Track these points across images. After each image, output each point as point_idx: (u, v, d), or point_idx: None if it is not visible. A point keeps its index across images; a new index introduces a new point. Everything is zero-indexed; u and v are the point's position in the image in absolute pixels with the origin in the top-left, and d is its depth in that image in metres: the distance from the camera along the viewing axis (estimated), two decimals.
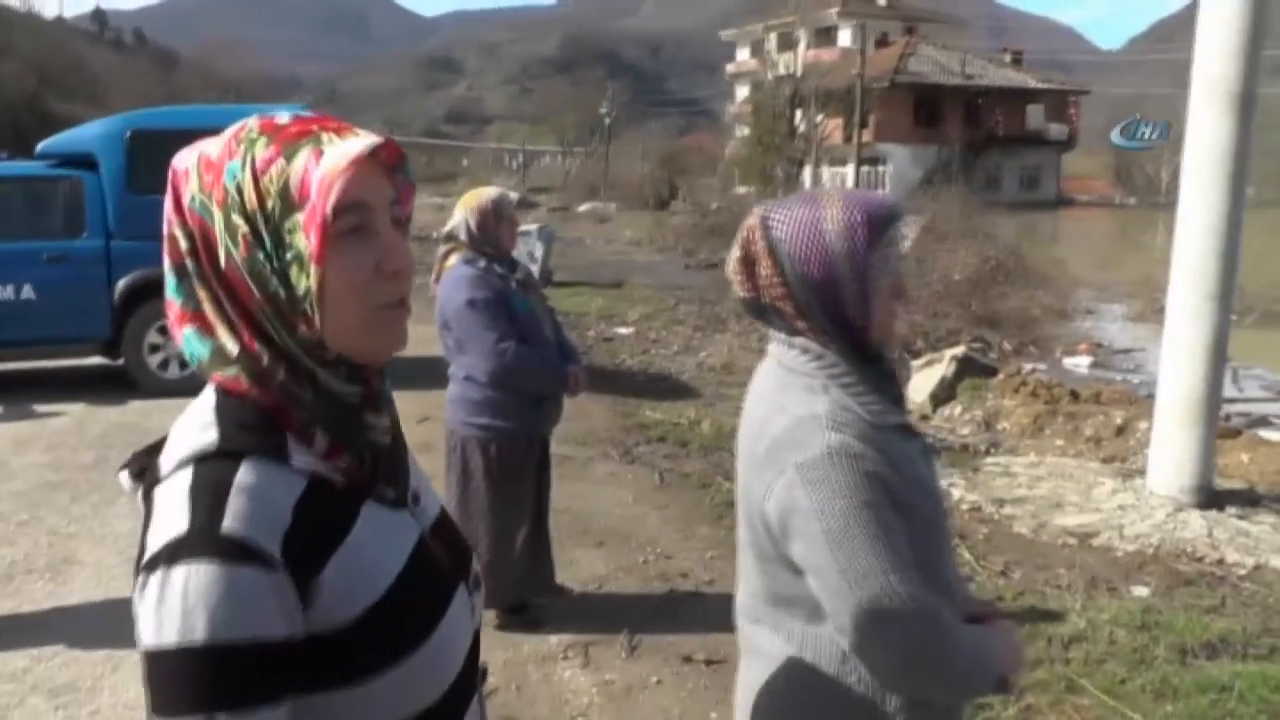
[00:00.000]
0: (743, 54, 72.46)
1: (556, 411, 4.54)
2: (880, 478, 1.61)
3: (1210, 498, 6.30)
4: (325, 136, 1.12)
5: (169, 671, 1.01)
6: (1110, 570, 5.44)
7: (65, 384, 9.64)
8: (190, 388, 1.18)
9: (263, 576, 1.02)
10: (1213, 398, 6.37)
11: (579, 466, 7.08)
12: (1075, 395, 8.99)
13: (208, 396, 1.15)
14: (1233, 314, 6.49)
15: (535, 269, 15.24)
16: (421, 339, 10.36)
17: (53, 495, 6.53)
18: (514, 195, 4.61)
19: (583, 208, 46.29)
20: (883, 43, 60.87)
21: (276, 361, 1.12)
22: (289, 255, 1.10)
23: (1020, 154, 59.54)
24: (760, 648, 1.80)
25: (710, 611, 4.72)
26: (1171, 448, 6.38)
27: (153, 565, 1.03)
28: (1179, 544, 5.75)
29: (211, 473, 1.06)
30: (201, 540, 1.02)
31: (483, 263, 4.28)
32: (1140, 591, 5.12)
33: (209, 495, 1.04)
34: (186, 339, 1.14)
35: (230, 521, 1.03)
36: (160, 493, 1.08)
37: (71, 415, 8.61)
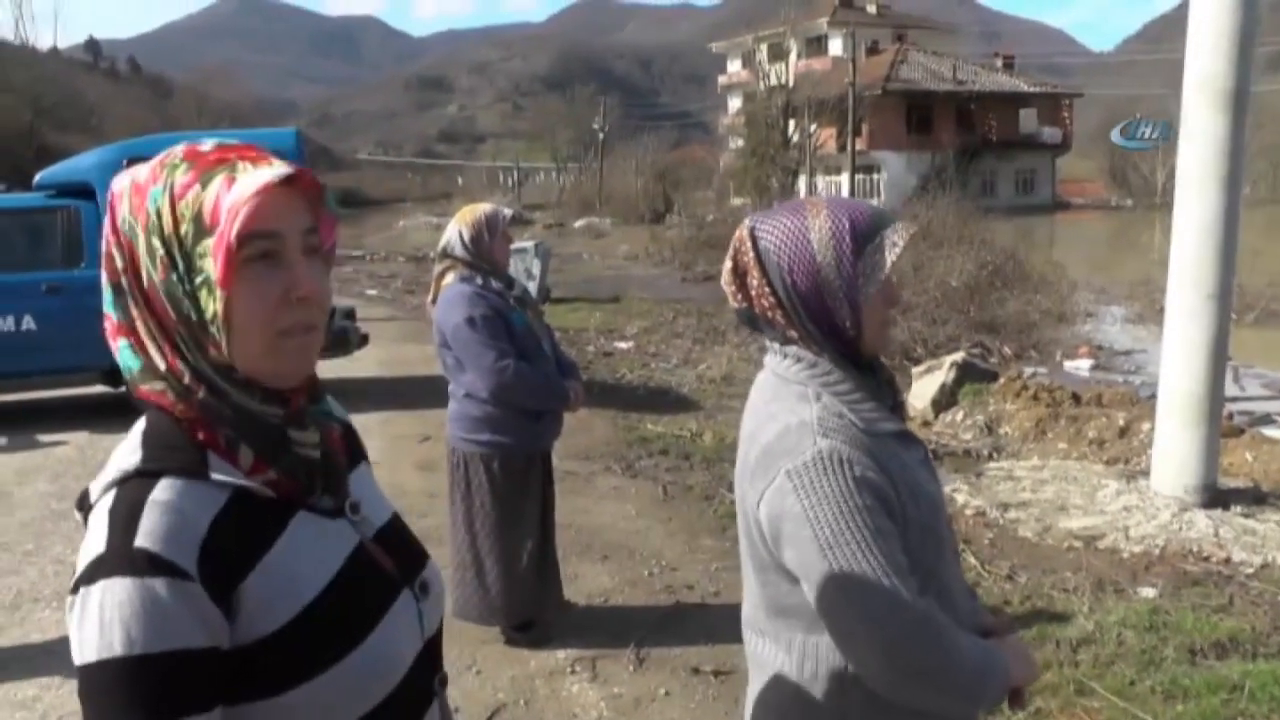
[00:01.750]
0: (734, 65, 72.60)
1: (557, 426, 4.55)
2: (871, 483, 1.60)
3: (1215, 497, 6.29)
4: (241, 165, 1.15)
5: (93, 687, 1.04)
6: (1117, 572, 5.43)
7: (68, 413, 9.64)
8: None
9: (176, 587, 1.05)
10: (1215, 397, 6.36)
11: (582, 481, 7.08)
12: (1077, 398, 8.99)
13: (138, 425, 1.19)
14: (1232, 313, 6.49)
15: (533, 285, 15.24)
16: (421, 358, 10.34)
17: (58, 524, 6.52)
18: (509, 211, 4.61)
19: (578, 223, 46.33)
20: (873, 51, 61.02)
21: (196, 380, 1.15)
22: (199, 279, 1.13)
23: (1014, 158, 59.61)
24: (764, 659, 1.79)
25: (717, 623, 4.72)
26: (1175, 448, 6.38)
27: (76, 587, 1.07)
28: (1185, 544, 5.74)
29: (129, 493, 1.10)
30: (116, 557, 1.05)
31: (479, 279, 4.29)
32: (1148, 592, 5.11)
33: (124, 514, 1.08)
34: (121, 352, 1.18)
35: (143, 538, 1.06)
36: (91, 517, 1.12)
37: (74, 444, 8.61)
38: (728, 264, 1.78)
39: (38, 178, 9.61)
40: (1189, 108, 6.30)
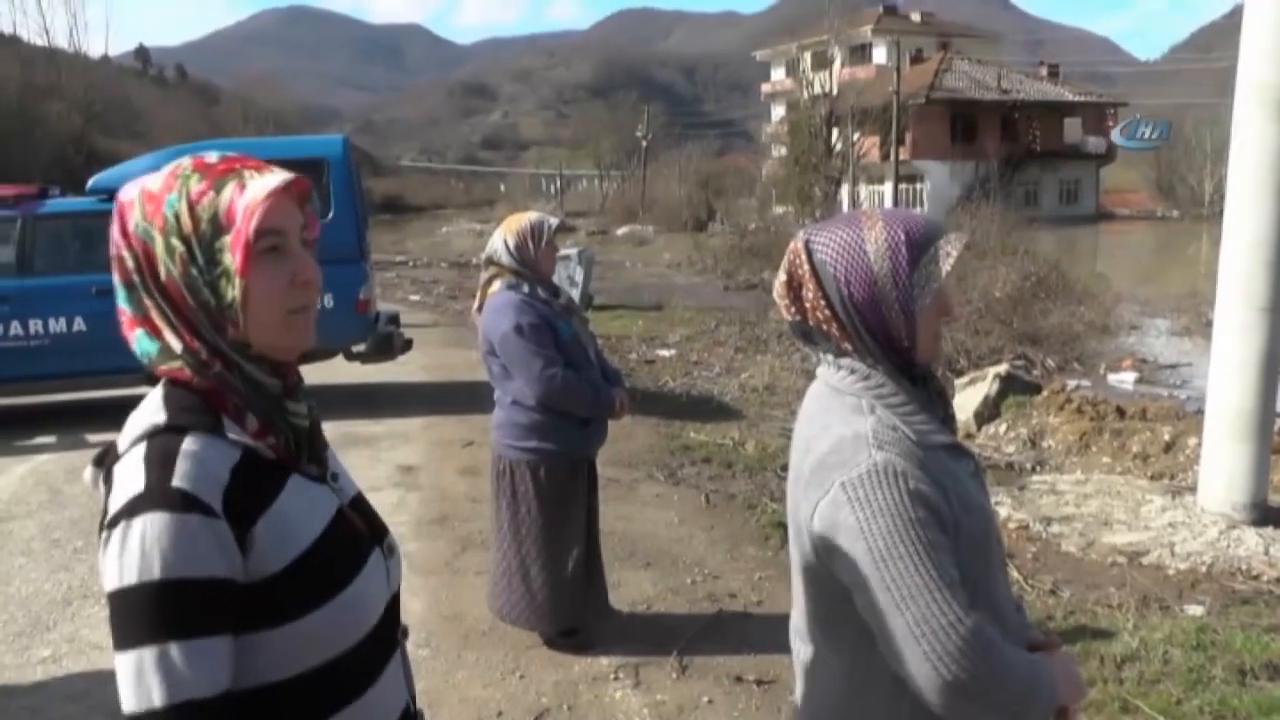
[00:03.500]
0: (777, 74, 72.48)
1: (602, 433, 4.57)
2: (924, 496, 1.61)
3: (1265, 514, 6.21)
4: (247, 173, 1.36)
5: (130, 606, 1.20)
6: (1162, 589, 5.37)
7: (115, 413, 9.67)
8: None
9: (206, 523, 1.22)
10: (1266, 412, 6.27)
11: (625, 489, 7.10)
12: (1121, 412, 8.90)
13: (156, 391, 1.36)
14: None
15: (576, 293, 15.28)
16: (464, 364, 10.38)
17: None
18: (555, 220, 4.62)
19: (621, 230, 46.37)
20: (917, 59, 60.67)
21: (213, 356, 1.33)
22: (218, 270, 1.32)
23: (1058, 168, 58.99)
24: (812, 668, 1.80)
25: (760, 632, 4.72)
26: (1223, 464, 6.30)
27: (114, 522, 1.23)
28: (1233, 561, 5.67)
29: (161, 444, 1.27)
30: (155, 494, 1.22)
31: (526, 288, 4.32)
32: (1194, 610, 5.05)
33: (159, 460, 1.25)
34: (138, 339, 1.36)
35: (178, 479, 1.23)
36: (119, 467, 1.28)
37: None
38: (781, 277, 1.79)
39: (91, 182, 9.77)
40: (1241, 116, 6.23)
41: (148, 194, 1.34)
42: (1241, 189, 6.23)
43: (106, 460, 1.31)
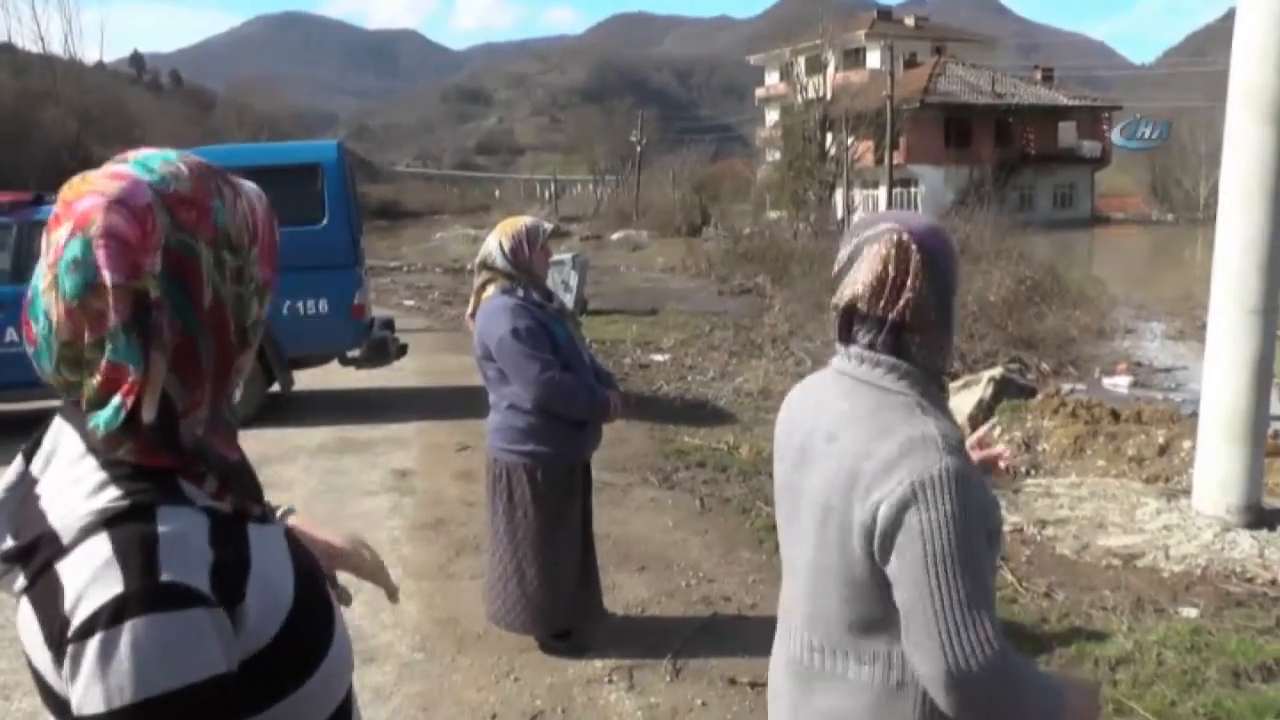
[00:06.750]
0: (771, 78, 72.50)
1: (598, 437, 4.59)
2: (983, 507, 1.64)
3: (1260, 517, 6.21)
4: (232, 179, 1.23)
5: None
6: (1157, 591, 5.37)
7: None
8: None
9: (207, 616, 1.05)
10: (1259, 414, 6.29)
11: (619, 493, 7.10)
12: (1116, 415, 8.90)
13: (86, 463, 1.12)
14: (1277, 329, 6.42)
15: (570, 298, 15.28)
16: (459, 369, 10.37)
17: None
18: (549, 225, 4.64)
19: (615, 235, 46.33)
20: (911, 64, 60.80)
21: (201, 407, 1.15)
22: (252, 287, 1.21)
23: (1053, 172, 59.17)
24: (842, 675, 1.77)
25: (754, 635, 4.70)
26: (1217, 467, 6.31)
27: (89, 631, 1.01)
28: (1228, 564, 5.67)
29: (134, 529, 1.06)
30: (145, 595, 1.02)
31: (521, 291, 4.32)
32: (1189, 613, 5.06)
33: (139, 550, 1.04)
34: (110, 408, 1.10)
35: (167, 572, 1.04)
36: (70, 564, 1.05)
37: None
38: (877, 268, 1.74)
39: None
40: (1233, 120, 6.24)
41: (178, 199, 1.13)
42: (1234, 192, 6.24)
43: (33, 559, 1.07)
